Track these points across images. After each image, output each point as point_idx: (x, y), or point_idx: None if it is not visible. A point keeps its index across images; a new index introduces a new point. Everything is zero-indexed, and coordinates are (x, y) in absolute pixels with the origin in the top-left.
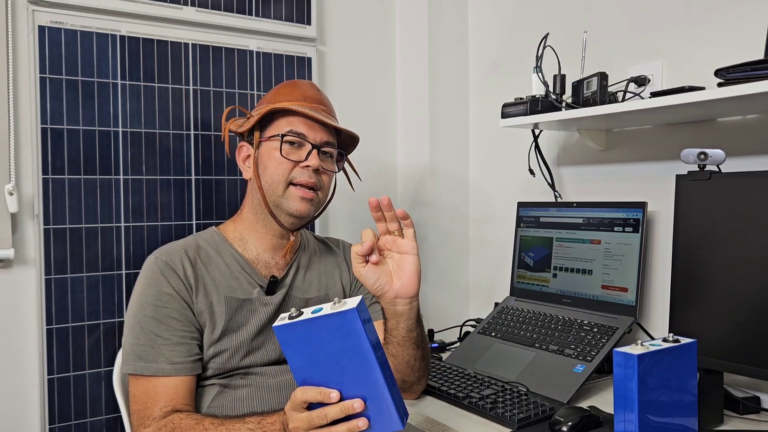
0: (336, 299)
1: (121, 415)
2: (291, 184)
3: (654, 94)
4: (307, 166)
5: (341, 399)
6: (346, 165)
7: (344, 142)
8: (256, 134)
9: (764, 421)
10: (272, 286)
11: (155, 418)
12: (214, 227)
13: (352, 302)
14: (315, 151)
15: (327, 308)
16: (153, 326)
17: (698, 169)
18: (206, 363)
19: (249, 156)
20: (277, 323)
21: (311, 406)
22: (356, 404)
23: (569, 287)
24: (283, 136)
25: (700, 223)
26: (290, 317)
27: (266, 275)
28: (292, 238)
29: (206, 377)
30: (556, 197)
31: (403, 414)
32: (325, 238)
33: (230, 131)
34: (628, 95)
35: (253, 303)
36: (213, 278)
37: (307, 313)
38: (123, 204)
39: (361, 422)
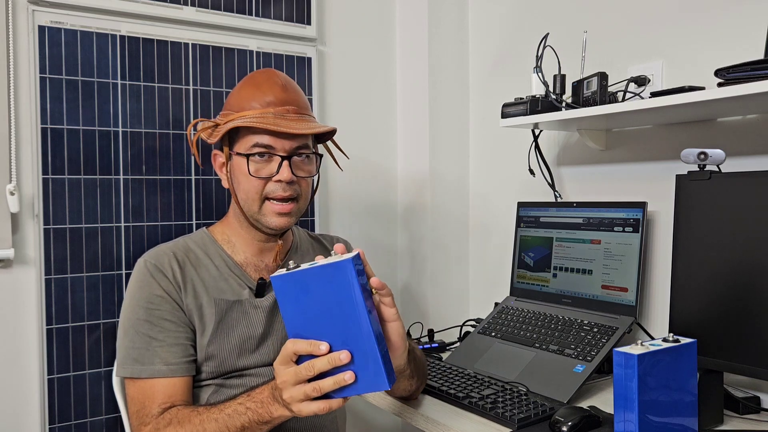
0: (333, 252)
1: (121, 415)
2: (267, 198)
3: (654, 94)
4: (279, 180)
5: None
6: (332, 146)
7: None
8: (225, 149)
9: (764, 421)
10: (261, 288)
11: (154, 415)
12: (204, 228)
13: (348, 255)
14: (286, 163)
15: (323, 260)
16: (147, 329)
17: (698, 169)
18: (200, 366)
19: (225, 163)
20: (274, 274)
21: (300, 361)
22: (342, 355)
23: (569, 287)
24: (248, 156)
25: (700, 223)
26: (287, 269)
27: (255, 278)
28: (279, 242)
29: (202, 380)
30: (556, 197)
31: (390, 374)
32: (319, 235)
33: (202, 140)
34: (628, 95)
35: (243, 305)
36: (202, 280)
37: (305, 265)
38: (123, 204)
39: (348, 375)
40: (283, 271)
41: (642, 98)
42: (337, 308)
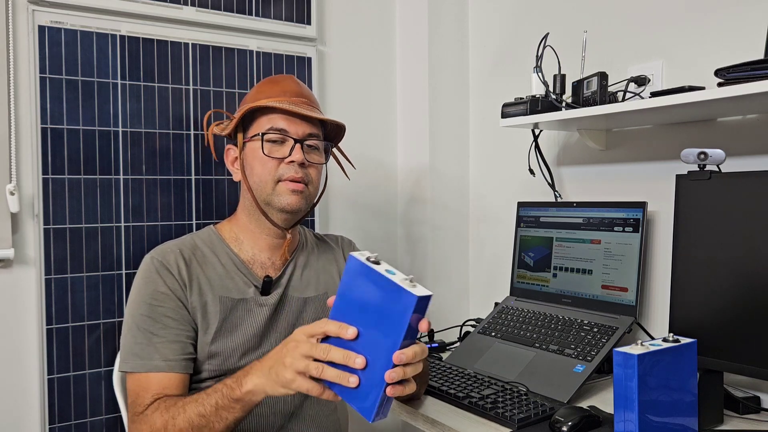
0: (412, 276)
1: (121, 415)
2: (279, 181)
3: (654, 94)
4: (292, 161)
5: (356, 343)
6: (339, 155)
7: (331, 133)
8: (240, 136)
9: (764, 421)
10: (267, 286)
11: (146, 404)
12: (211, 226)
13: (421, 291)
14: (298, 146)
15: (399, 278)
16: (149, 325)
17: (698, 169)
18: (202, 364)
19: (237, 158)
20: (355, 254)
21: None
22: (359, 360)
23: (569, 287)
24: (263, 134)
25: (700, 223)
26: (368, 258)
27: (261, 275)
28: (288, 236)
29: (203, 379)
30: (556, 197)
31: (381, 412)
32: (324, 235)
33: (215, 134)
34: (628, 95)
35: (248, 303)
36: (208, 278)
37: (383, 267)
38: (123, 204)
39: (353, 379)
40: (363, 257)
41: (642, 98)
42: (381, 323)
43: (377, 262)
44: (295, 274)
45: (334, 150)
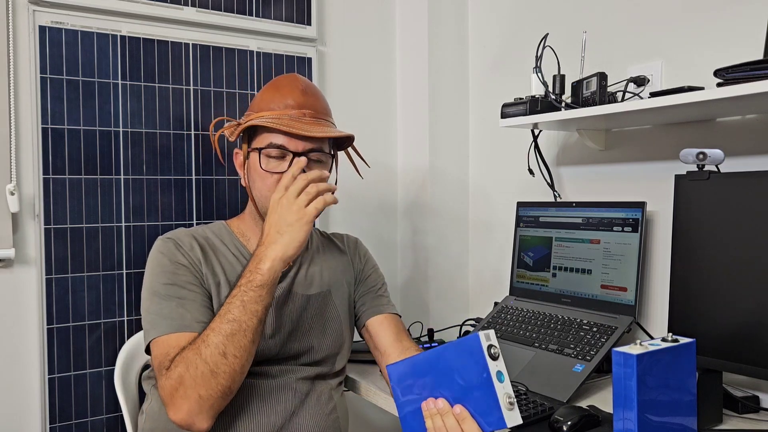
0: (514, 400)
1: (121, 415)
2: None
3: (653, 94)
4: None
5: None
6: (352, 152)
7: (340, 139)
8: (244, 146)
9: (763, 421)
10: None
11: (173, 357)
12: (222, 221)
13: (515, 417)
14: (297, 159)
15: (502, 391)
16: (175, 291)
17: (697, 169)
18: None
19: (244, 162)
20: (481, 336)
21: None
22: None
23: (569, 287)
24: (260, 150)
25: (699, 223)
26: (489, 347)
27: None
28: None
29: None
30: (555, 197)
31: None
32: (330, 234)
33: (223, 135)
34: (627, 95)
35: None
36: (220, 262)
37: (496, 366)
38: (123, 204)
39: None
40: (485, 343)
41: (641, 98)
42: (448, 387)
43: (494, 357)
44: (300, 270)
45: (349, 150)
